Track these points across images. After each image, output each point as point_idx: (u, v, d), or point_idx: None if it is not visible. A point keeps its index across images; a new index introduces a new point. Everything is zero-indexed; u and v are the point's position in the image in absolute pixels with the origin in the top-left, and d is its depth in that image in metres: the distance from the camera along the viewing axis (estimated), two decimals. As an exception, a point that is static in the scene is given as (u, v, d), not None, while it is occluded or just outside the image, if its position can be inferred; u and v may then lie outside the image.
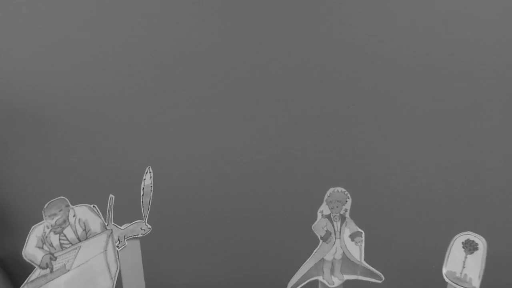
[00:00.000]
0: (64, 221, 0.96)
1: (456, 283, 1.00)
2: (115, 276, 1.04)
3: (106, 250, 1.01)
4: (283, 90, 1.26)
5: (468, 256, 0.99)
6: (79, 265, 0.96)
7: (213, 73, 1.26)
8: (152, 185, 1.09)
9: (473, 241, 0.98)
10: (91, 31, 1.26)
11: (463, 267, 0.99)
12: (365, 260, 1.08)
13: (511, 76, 1.18)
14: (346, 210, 1.06)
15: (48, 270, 0.92)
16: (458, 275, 1.00)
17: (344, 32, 1.20)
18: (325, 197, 1.05)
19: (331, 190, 1.05)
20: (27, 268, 0.91)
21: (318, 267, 1.09)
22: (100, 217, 1.03)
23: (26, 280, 0.89)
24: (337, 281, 1.08)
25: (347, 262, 1.08)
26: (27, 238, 0.90)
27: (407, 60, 1.20)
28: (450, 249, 1.01)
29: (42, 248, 0.92)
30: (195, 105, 1.29)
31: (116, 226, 1.06)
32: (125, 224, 1.07)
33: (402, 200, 1.32)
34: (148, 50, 1.26)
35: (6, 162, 1.38)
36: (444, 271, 1.02)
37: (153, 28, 1.25)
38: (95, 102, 1.30)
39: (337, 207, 1.06)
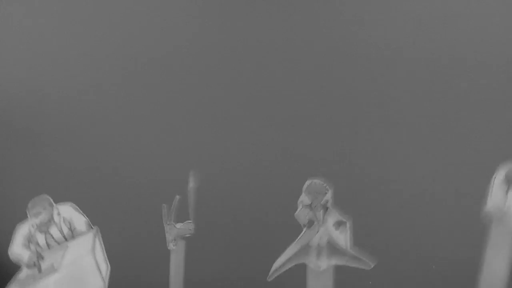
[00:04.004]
0: (49, 220, 0.97)
1: (500, 218, 0.98)
2: (106, 276, 1.02)
3: (94, 249, 0.99)
4: (283, 90, 1.27)
5: (510, 190, 0.99)
6: (67, 265, 0.94)
7: (213, 74, 1.27)
8: (194, 188, 1.10)
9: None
10: (90, 32, 1.26)
11: (506, 200, 0.99)
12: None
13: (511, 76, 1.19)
14: (327, 201, 1.07)
15: (35, 270, 0.91)
16: (502, 208, 1.00)
17: (344, 32, 1.22)
18: (304, 188, 1.06)
19: (308, 182, 1.06)
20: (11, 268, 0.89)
21: (304, 251, 1.10)
22: (84, 216, 1.02)
23: (13, 278, 0.89)
24: (323, 265, 1.09)
25: (333, 248, 1.08)
26: (12, 237, 0.90)
27: (407, 60, 1.21)
28: (493, 184, 1.01)
29: (29, 247, 0.92)
30: (195, 105, 1.29)
31: (174, 226, 1.08)
32: (179, 224, 1.09)
33: (402, 200, 1.32)
34: (149, 51, 1.27)
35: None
36: (486, 208, 1.02)
37: (153, 30, 1.26)
38: (94, 102, 1.30)
39: (316, 198, 1.06)
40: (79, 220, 1.01)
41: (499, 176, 1.00)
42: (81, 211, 1.02)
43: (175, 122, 1.32)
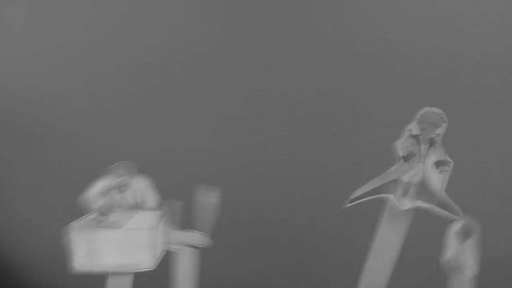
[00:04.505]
0: (128, 184, 1.04)
1: (455, 271, 0.97)
2: (159, 258, 1.02)
3: (157, 228, 0.97)
4: (283, 90, 1.24)
5: (464, 243, 0.97)
6: (129, 229, 0.95)
7: (213, 74, 1.28)
8: (215, 205, 1.11)
9: (466, 228, 0.96)
10: (90, 33, 1.27)
11: (460, 254, 0.97)
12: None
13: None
14: (438, 135, 0.97)
15: (103, 218, 1.00)
16: (456, 262, 0.98)
17: (344, 33, 1.20)
18: (417, 116, 0.98)
19: (425, 109, 0.98)
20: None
21: (392, 185, 0.99)
22: (157, 195, 1.02)
23: (84, 217, 0.99)
24: (408, 204, 0.97)
25: (424, 188, 0.97)
26: (94, 184, 1.02)
27: (408, 60, 1.16)
28: (448, 237, 0.99)
29: (104, 197, 1.02)
30: (195, 105, 1.29)
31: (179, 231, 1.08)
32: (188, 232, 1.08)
33: None
34: (150, 51, 1.27)
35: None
36: (443, 260, 1.00)
37: (154, 30, 1.26)
38: (95, 101, 1.32)
39: (429, 128, 0.97)
40: (152, 197, 1.06)
41: (454, 229, 0.97)
42: (156, 190, 1.02)
43: (175, 122, 1.31)
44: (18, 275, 1.42)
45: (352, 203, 1.01)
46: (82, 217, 0.96)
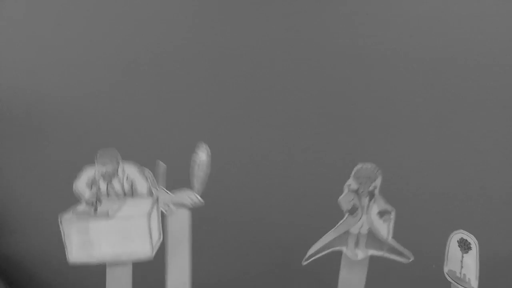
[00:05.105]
0: (113, 173, 1.02)
1: (457, 283, 0.97)
2: (155, 245, 1.00)
3: (150, 214, 0.95)
4: (283, 90, 1.28)
5: (464, 255, 0.97)
6: (121, 217, 0.93)
7: (212, 74, 1.30)
8: (207, 161, 1.07)
9: (466, 239, 0.96)
10: (89, 32, 1.30)
11: (461, 266, 0.97)
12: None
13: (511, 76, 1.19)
14: (375, 187, 1.02)
15: (92, 209, 0.95)
16: (458, 274, 0.98)
17: (344, 32, 1.24)
18: (353, 172, 1.02)
19: (359, 166, 1.01)
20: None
21: (343, 238, 1.04)
22: (147, 181, 0.99)
23: (72, 210, 0.94)
24: (361, 254, 1.03)
25: (373, 237, 1.03)
26: (78, 175, 0.97)
27: (408, 60, 1.21)
28: (448, 247, 1.01)
29: (90, 188, 0.98)
30: (196, 105, 1.31)
31: (165, 191, 1.05)
32: (174, 190, 1.06)
33: (402, 199, 1.24)
34: (150, 51, 1.29)
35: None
36: (445, 270, 1.01)
37: (154, 29, 1.29)
38: (94, 102, 1.32)
39: (365, 183, 1.01)
40: (142, 183, 1.02)
41: (453, 242, 0.99)
42: (147, 178, 1.00)
43: (176, 121, 1.33)
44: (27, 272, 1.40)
45: (308, 261, 1.05)
46: (70, 209, 0.93)
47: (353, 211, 1.03)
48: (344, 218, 1.03)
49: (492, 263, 0.99)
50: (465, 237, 0.97)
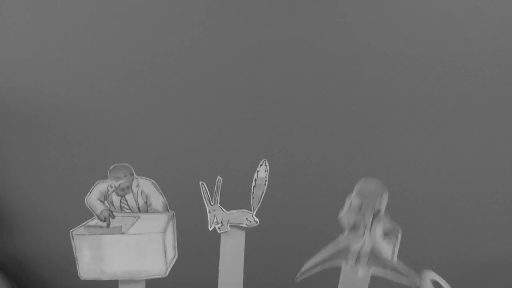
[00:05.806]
0: (128, 187, 0.99)
1: None
2: (170, 263, 0.97)
3: (165, 232, 0.92)
4: (283, 90, 1.24)
5: None
6: (134, 234, 0.89)
7: (212, 74, 1.27)
8: (267, 179, 1.03)
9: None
10: (90, 33, 1.28)
11: None
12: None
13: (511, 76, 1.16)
14: (380, 206, 0.94)
15: (105, 224, 0.87)
16: None
17: (344, 32, 1.21)
18: (356, 188, 0.95)
19: (362, 181, 0.95)
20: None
21: (342, 255, 0.96)
22: (163, 196, 0.97)
23: (84, 223, 0.92)
24: (361, 272, 0.95)
25: (376, 257, 0.95)
26: (91, 189, 0.94)
27: (408, 60, 1.18)
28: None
29: (103, 203, 0.95)
30: (197, 105, 1.28)
31: (222, 209, 1.01)
32: (232, 210, 1.03)
33: (402, 200, 1.23)
34: (151, 51, 1.27)
35: (3, 162, 1.37)
36: None
37: (155, 29, 1.28)
38: (94, 102, 1.31)
39: (369, 201, 0.94)
40: (157, 199, 1.02)
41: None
42: (161, 191, 0.97)
43: (176, 121, 1.30)
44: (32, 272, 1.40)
45: (302, 277, 0.99)
46: (83, 224, 0.91)
47: (354, 229, 0.95)
48: (344, 234, 0.95)
49: (492, 263, 0.98)
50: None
